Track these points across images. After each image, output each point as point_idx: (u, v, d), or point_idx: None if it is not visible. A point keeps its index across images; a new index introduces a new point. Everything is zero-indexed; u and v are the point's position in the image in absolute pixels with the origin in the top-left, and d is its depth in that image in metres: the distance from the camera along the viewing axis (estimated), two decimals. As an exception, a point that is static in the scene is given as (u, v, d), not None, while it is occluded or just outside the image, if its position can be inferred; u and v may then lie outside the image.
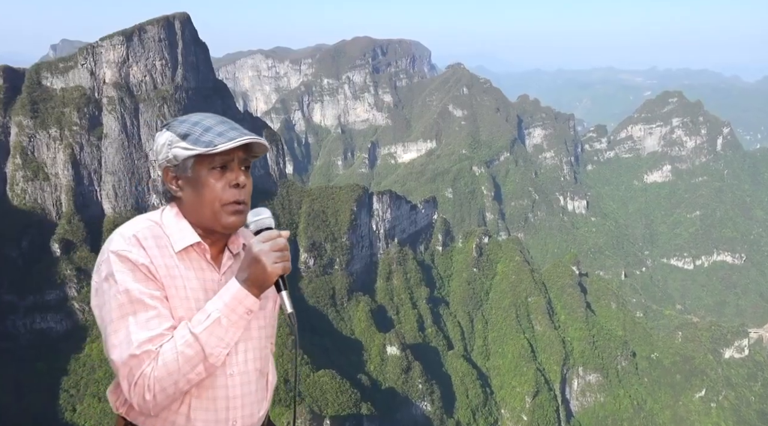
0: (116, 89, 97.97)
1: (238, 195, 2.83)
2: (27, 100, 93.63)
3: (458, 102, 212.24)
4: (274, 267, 2.73)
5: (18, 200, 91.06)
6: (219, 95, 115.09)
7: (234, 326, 2.71)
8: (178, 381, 2.61)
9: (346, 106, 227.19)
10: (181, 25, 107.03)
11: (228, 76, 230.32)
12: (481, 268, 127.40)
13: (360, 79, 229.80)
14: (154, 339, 2.61)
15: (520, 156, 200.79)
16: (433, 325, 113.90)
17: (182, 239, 2.84)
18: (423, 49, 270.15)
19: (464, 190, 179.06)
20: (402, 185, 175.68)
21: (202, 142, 2.75)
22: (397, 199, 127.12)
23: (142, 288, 2.67)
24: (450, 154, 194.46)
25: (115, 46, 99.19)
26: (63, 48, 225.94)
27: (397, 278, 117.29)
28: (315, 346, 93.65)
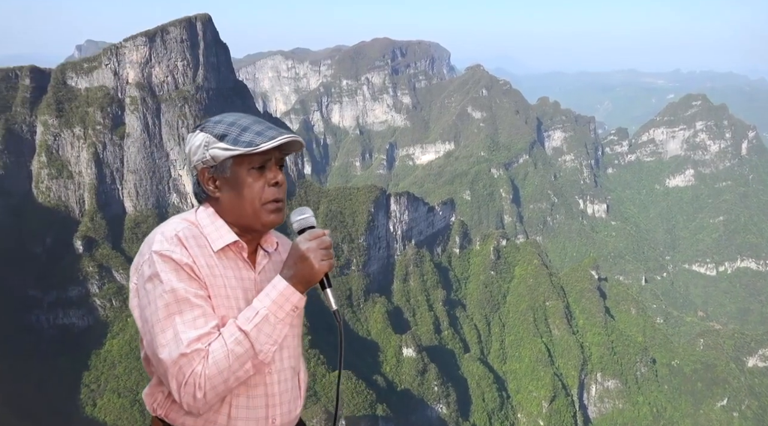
0: (139, 89, 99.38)
1: (278, 193, 2.89)
2: (52, 100, 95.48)
3: (477, 104, 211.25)
4: (321, 264, 2.78)
5: (43, 198, 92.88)
6: (239, 96, 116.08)
7: (281, 323, 2.74)
8: (228, 379, 2.62)
9: (365, 107, 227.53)
10: (202, 26, 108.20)
11: (248, 76, 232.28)
12: (499, 271, 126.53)
13: (379, 81, 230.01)
14: (203, 337, 2.62)
15: (540, 158, 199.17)
16: (450, 327, 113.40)
17: (220, 238, 2.86)
18: (442, 51, 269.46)
19: (482, 193, 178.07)
20: (420, 187, 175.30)
21: (242, 142, 2.76)
22: (415, 200, 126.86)
23: (188, 287, 2.68)
24: (468, 156, 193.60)
25: (138, 47, 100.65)
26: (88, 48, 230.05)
27: (413, 280, 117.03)
28: (331, 347, 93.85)
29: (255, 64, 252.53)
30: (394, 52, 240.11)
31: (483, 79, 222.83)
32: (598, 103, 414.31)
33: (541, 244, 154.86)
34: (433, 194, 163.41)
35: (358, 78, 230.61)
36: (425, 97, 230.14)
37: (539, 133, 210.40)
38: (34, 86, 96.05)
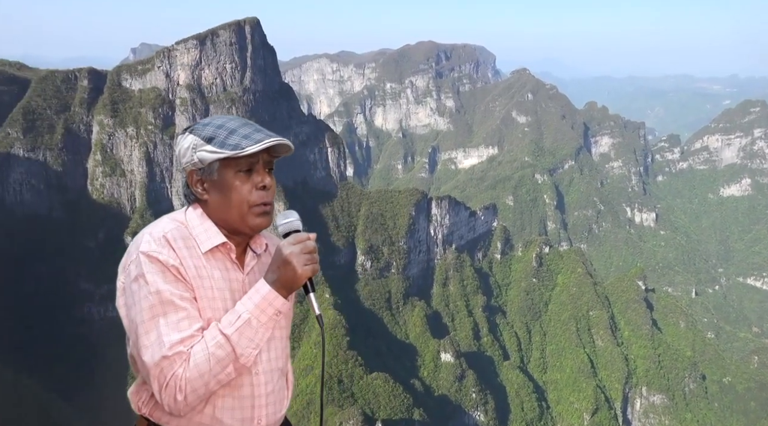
0: (189, 91, 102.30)
1: (265, 197, 2.86)
2: (108, 101, 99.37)
3: (522, 108, 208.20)
4: (304, 269, 2.75)
5: (97, 194, 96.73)
6: (284, 98, 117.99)
7: (264, 327, 2.73)
8: (209, 382, 2.63)
9: (408, 110, 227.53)
10: (251, 30, 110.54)
11: (294, 79, 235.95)
12: (541, 279, 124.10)
13: (423, 84, 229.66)
14: (185, 340, 2.62)
15: (586, 164, 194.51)
16: (489, 334, 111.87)
17: (209, 240, 2.86)
18: (487, 54, 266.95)
19: (525, 198, 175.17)
20: (461, 191, 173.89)
21: (228, 145, 2.75)
22: (456, 204, 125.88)
23: (173, 289, 2.68)
24: (512, 160, 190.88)
25: (189, 50, 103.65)
26: (142, 51, 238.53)
27: (453, 285, 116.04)
28: (369, 349, 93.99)
29: (301, 66, 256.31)
30: (439, 55, 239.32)
31: (528, 83, 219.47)
32: (649, 108, 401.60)
33: (585, 252, 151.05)
34: (475, 199, 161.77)
35: (402, 81, 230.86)
36: (469, 100, 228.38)
37: (586, 138, 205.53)
38: (91, 87, 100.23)
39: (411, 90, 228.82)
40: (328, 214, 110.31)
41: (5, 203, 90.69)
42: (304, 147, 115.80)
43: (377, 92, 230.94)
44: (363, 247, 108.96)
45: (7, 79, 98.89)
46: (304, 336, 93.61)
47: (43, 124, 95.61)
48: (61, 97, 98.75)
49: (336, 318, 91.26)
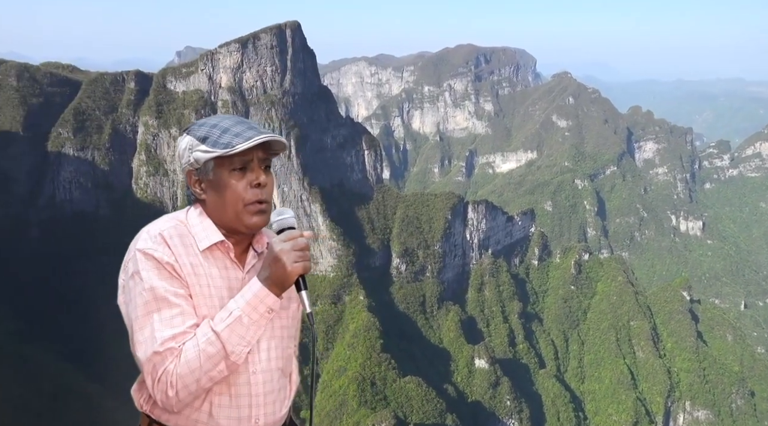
0: (230, 93, 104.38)
1: (260, 194, 2.84)
2: (153, 102, 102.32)
3: (563, 112, 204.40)
4: (294, 266, 2.71)
5: (141, 193, 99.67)
6: (323, 100, 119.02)
7: (255, 325, 2.71)
8: (200, 378, 2.63)
9: (446, 113, 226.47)
10: (291, 33, 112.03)
11: (332, 81, 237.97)
12: (580, 286, 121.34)
13: (461, 87, 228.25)
14: (177, 336, 2.64)
15: (629, 170, 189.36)
16: (525, 341, 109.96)
17: (206, 238, 2.87)
18: (528, 58, 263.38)
19: (565, 204, 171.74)
20: (499, 196, 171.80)
21: (220, 144, 2.76)
22: (493, 209, 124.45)
23: (167, 286, 2.70)
24: (551, 165, 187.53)
25: (231, 53, 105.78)
26: (186, 54, 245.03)
27: (489, 290, 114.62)
28: (402, 352, 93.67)
29: (339, 69, 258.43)
30: (478, 58, 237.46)
31: (570, 87, 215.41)
32: (697, 113, 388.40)
33: (626, 261, 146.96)
34: (513, 204, 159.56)
35: (440, 84, 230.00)
36: (508, 104, 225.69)
37: (629, 143, 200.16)
38: (138, 89, 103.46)
39: (449, 93, 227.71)
40: (364, 217, 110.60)
41: (55, 200, 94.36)
42: (341, 149, 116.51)
43: (415, 95, 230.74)
44: (398, 250, 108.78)
45: (60, 81, 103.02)
46: (338, 337, 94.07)
47: (92, 125, 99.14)
48: (110, 99, 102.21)
49: (370, 320, 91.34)
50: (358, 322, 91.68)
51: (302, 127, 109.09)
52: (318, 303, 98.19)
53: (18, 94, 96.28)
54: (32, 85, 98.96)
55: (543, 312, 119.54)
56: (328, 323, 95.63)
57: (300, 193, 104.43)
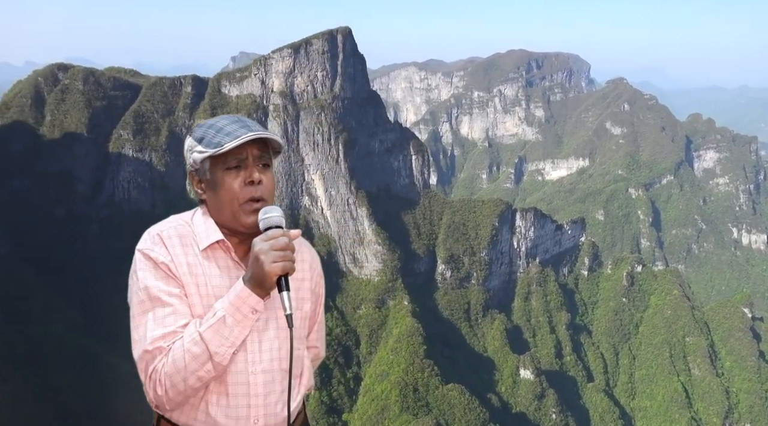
0: (282, 97, 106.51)
1: (254, 192, 2.83)
2: (208, 106, 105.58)
3: (617, 119, 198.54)
4: (272, 266, 2.64)
5: (194, 194, 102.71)
6: (372, 105, 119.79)
7: (239, 325, 2.69)
8: (187, 378, 2.64)
9: (495, 119, 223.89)
10: (342, 39, 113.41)
11: (382, 86, 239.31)
12: (632, 299, 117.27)
13: (512, 93, 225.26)
14: (167, 336, 2.67)
15: (687, 180, 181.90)
16: (573, 353, 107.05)
17: (207, 238, 2.89)
18: (581, 63, 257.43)
19: (617, 213, 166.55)
20: (548, 203, 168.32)
21: (212, 143, 2.79)
22: (542, 217, 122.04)
23: (161, 285, 2.74)
24: (604, 173, 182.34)
25: (284, 58, 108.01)
26: (241, 59, 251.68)
27: (536, 299, 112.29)
28: (445, 359, 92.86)
29: (389, 74, 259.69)
30: (530, 64, 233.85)
31: (625, 93, 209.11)
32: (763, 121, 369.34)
33: (683, 274, 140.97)
34: (563, 212, 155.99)
35: (490, 90, 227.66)
36: (560, 110, 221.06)
37: (688, 152, 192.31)
38: (194, 93, 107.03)
39: (499, 99, 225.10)
40: (410, 222, 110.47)
41: (114, 199, 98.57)
42: (389, 154, 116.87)
43: (464, 101, 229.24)
44: (443, 256, 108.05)
45: (122, 85, 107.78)
46: (381, 341, 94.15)
47: (150, 127, 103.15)
48: (167, 102, 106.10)
49: (414, 326, 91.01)
50: (402, 327, 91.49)
51: (351, 131, 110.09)
52: (362, 306, 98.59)
53: (83, 97, 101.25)
54: (97, 89, 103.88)
55: (592, 324, 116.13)
56: (372, 327, 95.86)
57: (347, 196, 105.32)
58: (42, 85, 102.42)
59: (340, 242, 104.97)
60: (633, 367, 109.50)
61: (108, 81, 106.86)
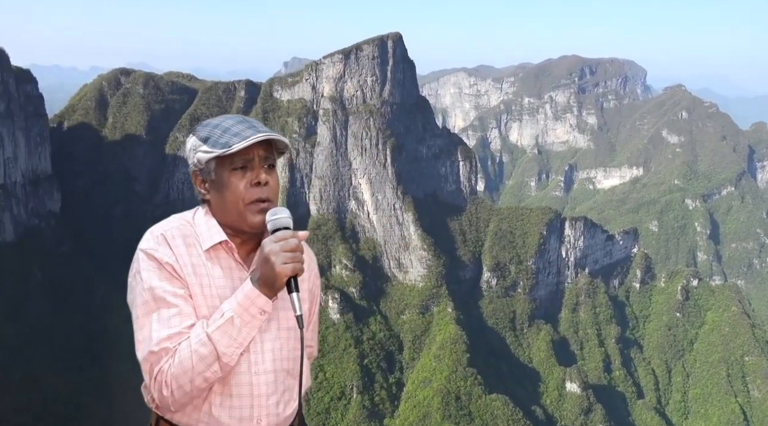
0: (331, 102, 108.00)
1: (261, 193, 2.83)
2: (260, 110, 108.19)
3: (674, 127, 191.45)
4: (282, 267, 2.65)
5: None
6: (420, 110, 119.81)
7: (247, 326, 2.69)
8: (194, 379, 2.64)
9: (546, 126, 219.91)
10: (393, 45, 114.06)
11: (430, 92, 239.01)
12: (687, 314, 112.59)
13: (563, 99, 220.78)
14: (173, 336, 2.67)
15: (749, 192, 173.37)
16: (622, 368, 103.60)
17: (210, 238, 2.87)
18: (637, 69, 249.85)
19: (672, 225, 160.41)
20: (599, 213, 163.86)
21: (219, 144, 2.77)
22: (593, 226, 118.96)
23: (166, 286, 2.73)
24: (659, 183, 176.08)
25: (334, 64, 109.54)
26: (293, 65, 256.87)
27: (584, 311, 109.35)
28: (489, 368, 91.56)
29: (438, 80, 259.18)
30: (583, 70, 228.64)
31: (683, 101, 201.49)
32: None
33: (742, 290, 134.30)
34: (614, 222, 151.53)
35: (541, 96, 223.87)
36: (613, 118, 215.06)
37: (750, 163, 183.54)
38: (247, 98, 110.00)
39: (550, 105, 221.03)
40: (456, 228, 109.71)
41: (169, 199, 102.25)
42: (436, 160, 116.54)
43: (514, 107, 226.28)
44: (489, 263, 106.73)
45: (179, 89, 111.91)
46: (424, 347, 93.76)
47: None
48: (222, 106, 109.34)
49: (457, 333, 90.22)
50: (445, 334, 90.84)
51: (398, 136, 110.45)
52: (406, 312, 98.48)
53: (143, 100, 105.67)
54: (156, 93, 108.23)
55: (643, 339, 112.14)
56: (415, 333, 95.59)
57: (393, 201, 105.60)
58: (105, 89, 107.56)
59: (386, 247, 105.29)
60: (687, 386, 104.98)
61: (166, 85, 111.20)
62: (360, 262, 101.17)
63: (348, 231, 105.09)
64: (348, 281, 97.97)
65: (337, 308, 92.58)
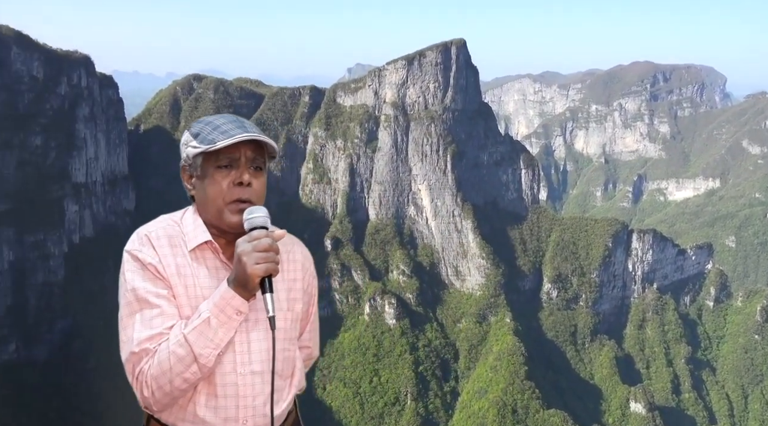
0: (393, 108, 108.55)
1: (242, 193, 2.80)
2: (323, 115, 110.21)
3: (756, 137, 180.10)
4: (254, 268, 2.62)
5: (306, 199, 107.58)
6: (482, 117, 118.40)
7: (224, 327, 2.66)
8: (173, 380, 2.63)
9: (614, 134, 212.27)
10: (456, 51, 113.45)
11: (493, 99, 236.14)
12: (766, 337, 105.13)
13: (634, 107, 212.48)
14: (154, 337, 2.67)
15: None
16: (692, 390, 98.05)
17: (195, 238, 2.87)
18: (716, 76, 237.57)
19: (752, 241, 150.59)
20: (670, 226, 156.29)
21: (207, 140, 2.79)
22: (662, 240, 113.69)
23: (149, 287, 2.74)
24: (738, 196, 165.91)
25: (397, 70, 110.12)
26: (356, 71, 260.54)
27: (651, 328, 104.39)
28: (548, 382, 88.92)
29: (502, 86, 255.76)
30: (656, 76, 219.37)
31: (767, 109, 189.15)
32: None
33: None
34: (686, 236, 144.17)
35: (610, 103, 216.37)
36: (688, 126, 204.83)
37: None
38: (311, 103, 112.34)
39: (619, 113, 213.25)
40: (516, 237, 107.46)
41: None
42: (498, 167, 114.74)
43: (581, 114, 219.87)
44: (550, 274, 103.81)
45: (247, 94, 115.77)
46: (480, 357, 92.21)
47: (269, 134, 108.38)
48: (287, 111, 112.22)
49: (515, 345, 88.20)
50: (503, 345, 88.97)
51: (459, 143, 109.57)
52: (462, 320, 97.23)
53: (213, 105, 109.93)
54: (225, 98, 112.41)
55: (716, 360, 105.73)
56: (471, 342, 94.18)
57: (452, 208, 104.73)
58: (179, 93, 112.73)
59: (443, 254, 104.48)
60: (765, 414, 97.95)
61: (235, 90, 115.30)
62: (417, 268, 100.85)
63: (406, 237, 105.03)
64: (405, 287, 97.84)
65: (393, 313, 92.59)
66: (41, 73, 79.82)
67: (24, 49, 78.52)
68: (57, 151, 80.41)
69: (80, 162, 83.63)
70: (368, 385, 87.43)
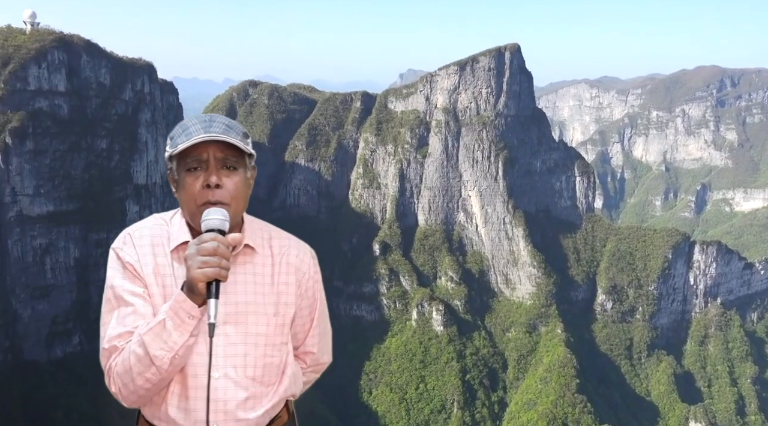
0: (444, 114, 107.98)
1: (211, 195, 2.75)
2: (374, 120, 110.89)
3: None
4: (195, 272, 2.60)
5: (356, 203, 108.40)
6: (536, 123, 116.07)
7: (178, 330, 2.64)
8: (135, 379, 2.65)
9: (676, 141, 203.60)
10: (510, 56, 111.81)
11: (548, 104, 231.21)
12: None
13: (698, 113, 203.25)
14: (123, 335, 2.71)
15: None
16: (759, 413, 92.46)
17: (176, 239, 2.87)
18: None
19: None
20: (736, 238, 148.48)
21: (175, 143, 2.77)
22: (728, 253, 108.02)
23: (127, 285, 2.78)
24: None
25: (449, 75, 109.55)
26: (408, 76, 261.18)
27: (714, 345, 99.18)
28: (600, 397, 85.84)
29: (557, 92, 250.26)
30: (723, 81, 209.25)
31: None
32: None
33: None
34: (754, 249, 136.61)
35: (672, 109, 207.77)
36: (758, 133, 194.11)
37: None
38: (362, 108, 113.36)
39: (682, 119, 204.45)
40: (569, 246, 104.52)
41: (286, 204, 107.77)
42: (551, 174, 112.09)
43: (640, 120, 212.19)
44: (605, 285, 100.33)
45: (300, 99, 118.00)
46: (530, 368, 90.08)
47: (321, 139, 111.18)
48: (338, 116, 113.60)
49: (567, 356, 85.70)
50: (554, 357, 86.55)
51: (512, 149, 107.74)
52: (512, 329, 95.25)
53: (268, 110, 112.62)
54: (279, 103, 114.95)
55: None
56: (521, 352, 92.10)
57: (503, 215, 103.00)
58: (235, 99, 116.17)
59: (493, 261, 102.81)
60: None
61: (289, 96, 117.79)
62: (466, 275, 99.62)
63: (455, 243, 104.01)
64: (453, 294, 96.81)
65: (441, 320, 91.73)
66: (108, 79, 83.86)
67: (92, 57, 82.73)
68: (120, 154, 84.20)
69: (141, 165, 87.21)
70: (414, 392, 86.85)
